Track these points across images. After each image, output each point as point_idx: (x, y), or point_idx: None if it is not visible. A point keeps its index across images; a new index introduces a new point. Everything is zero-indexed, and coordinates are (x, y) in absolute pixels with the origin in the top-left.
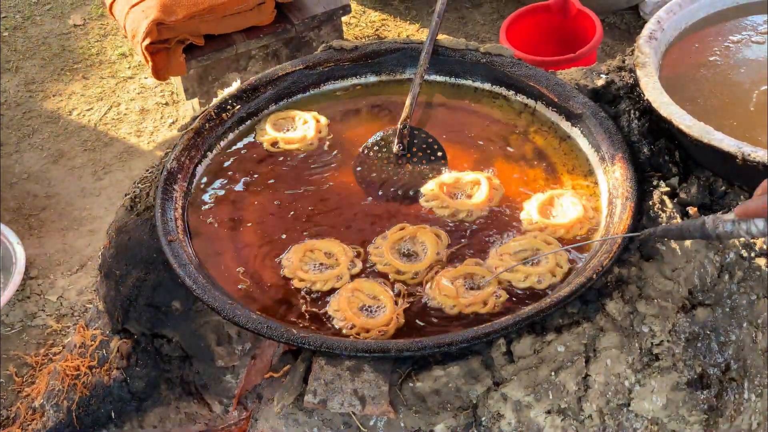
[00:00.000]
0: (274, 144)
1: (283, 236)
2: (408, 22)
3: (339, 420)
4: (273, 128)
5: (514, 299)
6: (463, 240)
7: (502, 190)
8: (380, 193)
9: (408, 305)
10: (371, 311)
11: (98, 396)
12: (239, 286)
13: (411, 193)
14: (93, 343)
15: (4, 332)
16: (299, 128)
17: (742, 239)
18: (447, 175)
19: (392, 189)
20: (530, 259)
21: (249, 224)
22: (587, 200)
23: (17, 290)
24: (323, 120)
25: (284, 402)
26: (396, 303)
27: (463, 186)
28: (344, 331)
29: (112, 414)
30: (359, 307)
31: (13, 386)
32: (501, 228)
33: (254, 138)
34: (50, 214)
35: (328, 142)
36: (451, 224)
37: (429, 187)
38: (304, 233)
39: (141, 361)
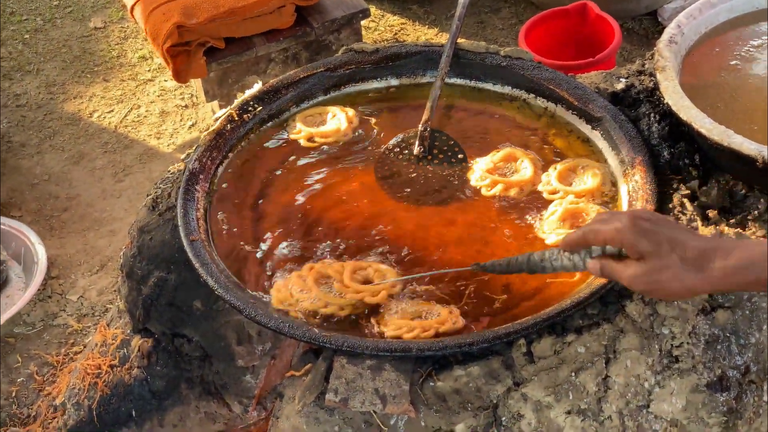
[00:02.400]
0: (310, 139)
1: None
2: (427, 26)
3: (360, 419)
4: (304, 125)
5: None
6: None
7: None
8: (402, 193)
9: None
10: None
11: (119, 395)
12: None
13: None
14: (114, 342)
15: (25, 332)
16: (330, 122)
17: None
18: (486, 159)
19: (407, 190)
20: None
21: (283, 222)
22: (604, 174)
23: (38, 290)
24: (351, 111)
25: (306, 400)
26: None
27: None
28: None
29: (133, 413)
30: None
31: (34, 385)
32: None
33: (287, 136)
34: (71, 215)
35: (360, 131)
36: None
37: (479, 171)
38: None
39: (161, 361)
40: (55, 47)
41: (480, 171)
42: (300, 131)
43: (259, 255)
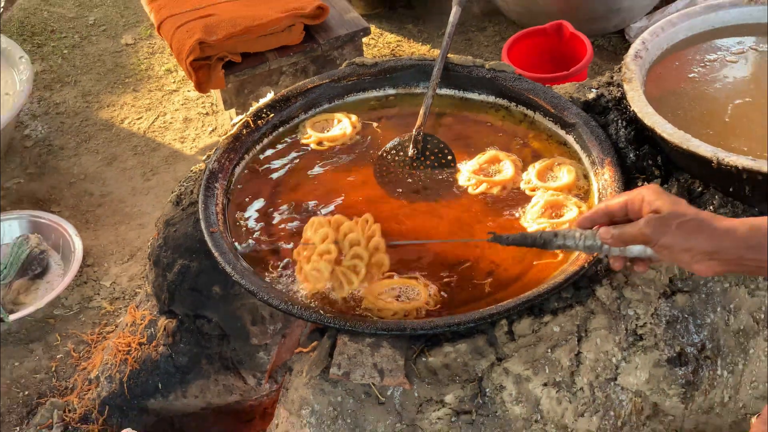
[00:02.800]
0: (320, 143)
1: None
2: (420, 43)
3: (360, 390)
4: (314, 130)
5: None
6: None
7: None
8: (398, 191)
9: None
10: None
11: (147, 369)
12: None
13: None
14: (142, 322)
15: (63, 313)
16: (336, 127)
17: None
18: (472, 162)
19: (401, 189)
20: None
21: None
22: (578, 170)
23: (75, 277)
24: (354, 117)
25: (312, 374)
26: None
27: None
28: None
29: (159, 385)
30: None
31: (71, 361)
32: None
33: (299, 140)
34: (104, 210)
35: (360, 136)
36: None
37: (466, 172)
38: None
39: (184, 339)
40: (91, 61)
41: (467, 172)
42: (310, 136)
43: (271, 242)
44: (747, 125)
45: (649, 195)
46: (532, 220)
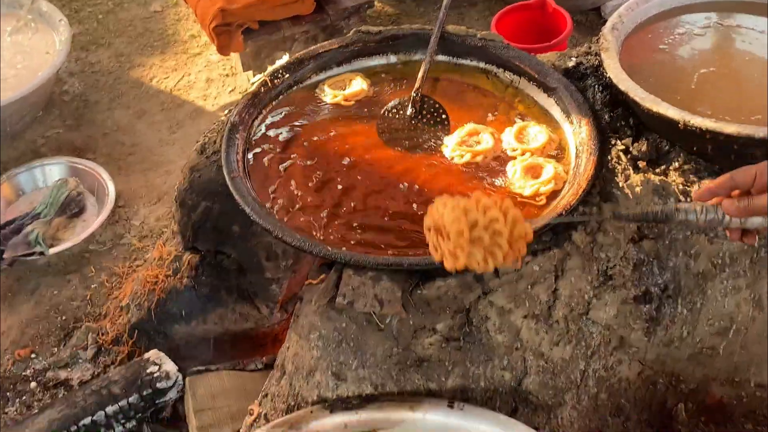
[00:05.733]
0: (346, 99)
1: None
2: (418, 16)
3: (362, 318)
4: (331, 89)
5: None
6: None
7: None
8: (399, 146)
9: None
10: None
11: (172, 298)
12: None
13: (427, 146)
14: (168, 257)
15: (98, 249)
16: (353, 85)
17: (681, 188)
18: (454, 136)
19: (407, 142)
20: None
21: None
22: (549, 130)
23: (108, 216)
24: (362, 77)
25: (320, 302)
26: None
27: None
28: None
29: (183, 313)
30: None
31: (104, 290)
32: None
33: (319, 96)
34: (135, 158)
35: (373, 94)
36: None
37: (452, 141)
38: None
39: (206, 272)
40: (123, 26)
41: (452, 145)
42: (336, 95)
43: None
44: (711, 92)
45: None
46: (521, 186)
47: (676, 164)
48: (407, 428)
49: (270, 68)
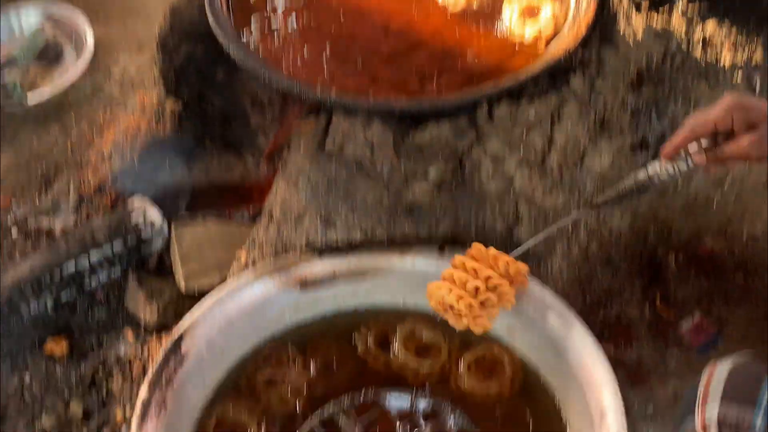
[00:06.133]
0: None
1: None
2: None
3: (352, 163)
4: None
5: None
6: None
7: None
8: None
9: None
10: None
11: (156, 146)
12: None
13: None
14: (151, 105)
15: (78, 98)
16: None
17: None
18: None
19: None
20: None
21: None
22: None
23: (87, 65)
24: None
25: (309, 147)
26: None
27: None
28: None
29: (167, 162)
30: None
31: (85, 140)
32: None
33: None
34: (114, 3)
35: None
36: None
37: None
38: None
39: (190, 119)
40: None
41: None
42: None
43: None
44: None
45: (737, 110)
46: (520, 30)
47: (680, 7)
48: (397, 275)
49: None
